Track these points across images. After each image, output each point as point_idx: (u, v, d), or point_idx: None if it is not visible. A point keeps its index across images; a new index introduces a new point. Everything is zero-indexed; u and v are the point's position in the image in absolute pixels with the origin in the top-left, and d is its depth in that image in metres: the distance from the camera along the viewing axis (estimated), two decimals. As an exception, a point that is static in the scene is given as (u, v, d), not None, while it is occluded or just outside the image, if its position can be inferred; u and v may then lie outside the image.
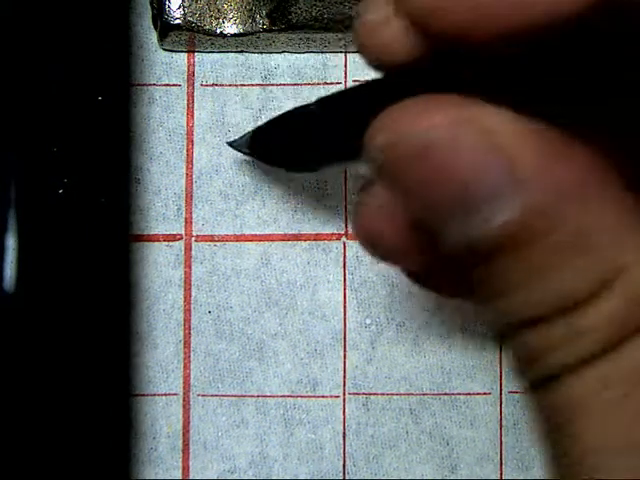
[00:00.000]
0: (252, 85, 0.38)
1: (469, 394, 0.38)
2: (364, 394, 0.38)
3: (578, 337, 0.21)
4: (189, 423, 0.37)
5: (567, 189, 0.20)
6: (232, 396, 0.38)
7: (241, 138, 0.36)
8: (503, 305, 0.21)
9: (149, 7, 0.38)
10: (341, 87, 0.38)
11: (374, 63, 0.23)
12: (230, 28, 0.37)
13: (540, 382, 0.21)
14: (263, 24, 0.37)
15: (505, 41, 0.20)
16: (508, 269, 0.21)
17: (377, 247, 0.26)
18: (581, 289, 0.20)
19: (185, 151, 0.38)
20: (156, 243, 0.38)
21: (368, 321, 0.38)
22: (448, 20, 0.21)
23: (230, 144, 0.37)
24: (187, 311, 0.38)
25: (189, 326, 0.38)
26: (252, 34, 0.37)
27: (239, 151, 0.37)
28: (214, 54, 0.38)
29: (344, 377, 0.38)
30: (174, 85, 0.38)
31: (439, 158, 0.21)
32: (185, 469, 0.37)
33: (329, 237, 0.38)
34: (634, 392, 0.20)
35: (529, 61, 0.21)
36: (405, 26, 0.22)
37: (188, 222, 0.38)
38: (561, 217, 0.20)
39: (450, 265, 0.23)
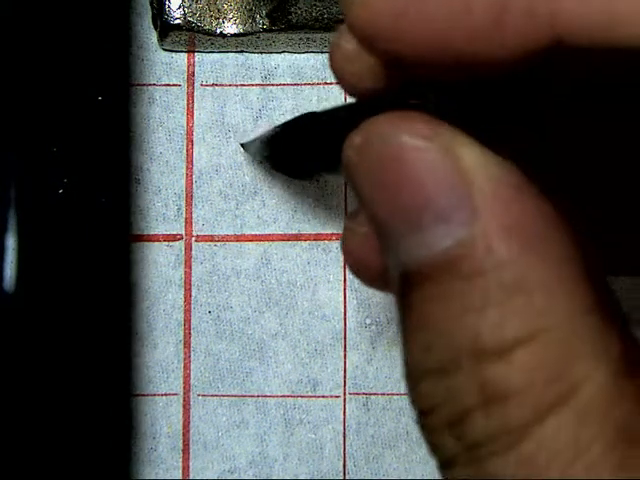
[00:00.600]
0: (252, 85, 0.38)
1: (469, 394, 0.38)
2: (364, 394, 0.38)
3: (480, 393, 0.20)
4: (189, 423, 0.37)
5: (519, 232, 0.20)
6: (232, 396, 0.38)
7: (253, 142, 0.36)
8: (419, 343, 0.21)
9: (149, 7, 0.38)
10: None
11: (347, 90, 0.24)
12: (230, 28, 0.37)
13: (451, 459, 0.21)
14: (263, 24, 0.37)
15: (454, 70, 0.20)
16: (436, 300, 0.20)
17: (362, 274, 0.26)
18: (497, 339, 0.20)
19: (185, 151, 0.38)
20: (156, 243, 0.38)
21: (368, 321, 0.38)
22: (398, 46, 0.20)
23: (242, 145, 0.37)
24: (187, 311, 0.38)
25: (189, 326, 0.38)
26: (252, 34, 0.37)
27: (249, 153, 0.37)
28: (214, 54, 0.38)
29: (344, 377, 0.38)
30: (174, 85, 0.38)
31: (400, 167, 0.20)
32: (185, 469, 0.37)
33: (329, 237, 0.38)
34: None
35: (489, 90, 0.21)
36: (369, 58, 0.22)
37: (188, 222, 0.38)
38: (502, 261, 0.20)
39: None
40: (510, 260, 0.20)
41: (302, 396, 0.38)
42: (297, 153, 0.30)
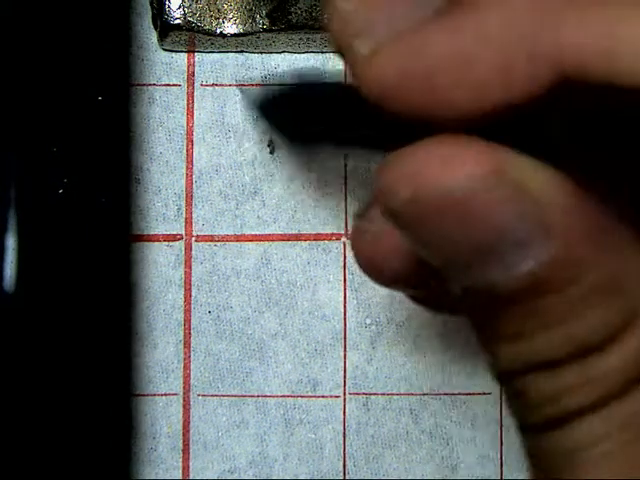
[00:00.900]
0: (252, 85, 0.38)
1: (469, 394, 0.38)
2: (364, 394, 0.38)
3: (590, 383, 0.20)
4: (189, 423, 0.37)
5: (596, 237, 0.20)
6: (232, 396, 0.38)
7: (256, 89, 0.35)
8: (512, 349, 0.21)
9: (149, 7, 0.38)
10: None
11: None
12: (230, 28, 0.37)
13: (543, 426, 0.21)
14: (263, 24, 0.37)
15: (472, 118, 0.20)
16: (527, 315, 0.20)
17: (377, 273, 0.25)
18: (599, 336, 0.20)
19: (185, 151, 0.38)
20: (156, 243, 0.38)
21: (368, 321, 0.38)
22: (403, 103, 0.20)
23: (242, 91, 0.37)
24: (187, 311, 0.38)
25: (189, 326, 0.38)
26: (252, 34, 0.37)
27: (247, 99, 0.36)
28: (214, 54, 0.38)
29: (344, 377, 0.38)
30: (174, 85, 0.38)
31: (466, 213, 0.20)
32: (185, 469, 0.37)
33: (329, 237, 0.38)
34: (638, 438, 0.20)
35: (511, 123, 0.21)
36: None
37: (188, 222, 0.38)
38: (588, 265, 0.20)
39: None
40: (594, 266, 0.20)
41: (302, 396, 0.38)
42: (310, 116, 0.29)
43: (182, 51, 0.38)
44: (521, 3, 0.19)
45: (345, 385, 0.38)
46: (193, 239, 0.38)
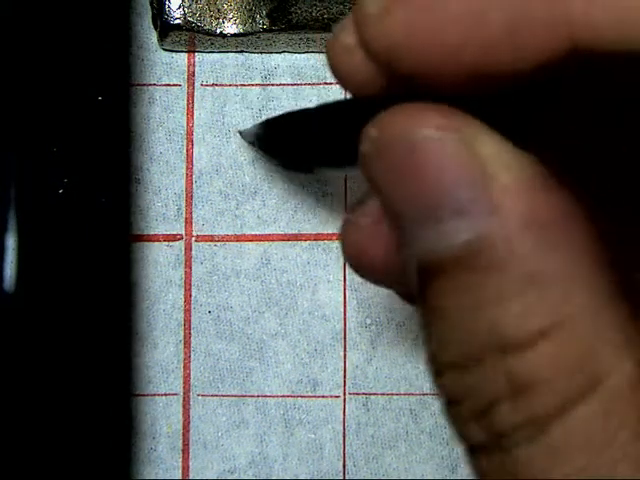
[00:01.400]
0: (252, 85, 0.38)
1: (469, 394, 0.38)
2: (364, 394, 0.38)
3: (521, 390, 0.20)
4: (189, 423, 0.37)
5: (541, 230, 0.20)
6: (232, 396, 0.38)
7: (251, 128, 0.36)
8: (440, 332, 0.21)
9: (149, 7, 0.38)
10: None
11: (345, 85, 0.23)
12: (230, 28, 0.37)
13: (481, 446, 0.21)
14: (263, 24, 0.37)
15: (474, 82, 0.20)
16: (455, 291, 0.20)
17: (363, 268, 0.25)
18: (521, 331, 0.20)
19: (185, 151, 0.38)
20: (156, 243, 0.38)
21: (368, 321, 0.38)
22: (411, 61, 0.20)
23: (240, 132, 0.37)
24: (187, 311, 0.38)
25: (189, 326, 0.38)
26: (252, 34, 0.37)
27: (246, 141, 0.36)
28: (214, 54, 0.38)
29: (344, 377, 0.38)
30: (174, 85, 0.38)
31: (418, 161, 0.20)
32: (185, 469, 0.37)
33: (329, 237, 0.38)
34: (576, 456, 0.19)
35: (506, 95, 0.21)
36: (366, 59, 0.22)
37: (188, 222, 0.38)
38: (524, 254, 0.20)
39: None
40: (529, 253, 0.20)
41: (302, 396, 0.38)
42: (295, 145, 0.30)
43: (182, 51, 0.38)
44: None
45: (345, 385, 0.38)
46: (193, 239, 0.38)
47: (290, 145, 0.31)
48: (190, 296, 0.38)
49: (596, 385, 0.19)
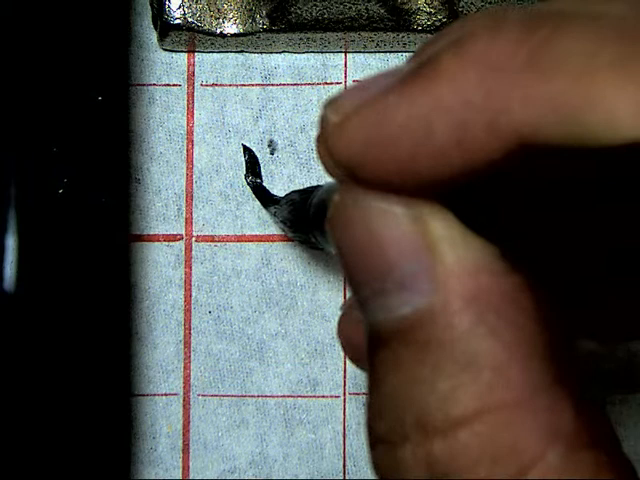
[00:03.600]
0: (252, 85, 0.38)
1: (469, 394, 0.38)
2: (364, 394, 0.38)
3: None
4: (189, 423, 0.37)
5: (476, 308, 0.20)
6: (232, 396, 0.38)
7: (276, 205, 0.36)
8: (373, 408, 0.21)
9: (149, 7, 0.38)
10: (341, 87, 0.38)
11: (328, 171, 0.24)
12: (230, 28, 0.37)
13: None
14: (263, 24, 0.37)
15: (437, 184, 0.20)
16: (392, 367, 0.20)
17: (351, 354, 0.27)
18: (442, 415, 0.19)
19: (185, 151, 0.38)
20: (156, 243, 0.38)
21: (368, 321, 0.38)
22: (368, 170, 0.21)
23: (265, 207, 0.37)
24: (187, 311, 0.38)
25: (189, 326, 0.38)
26: (252, 34, 0.37)
27: (270, 212, 0.37)
28: (214, 54, 0.38)
29: (344, 377, 0.38)
30: (174, 85, 0.38)
31: (368, 231, 0.21)
32: (185, 469, 0.37)
33: (329, 237, 0.38)
34: None
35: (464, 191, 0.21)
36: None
37: (188, 222, 0.38)
38: (462, 336, 0.19)
39: None
40: (464, 335, 0.20)
41: (302, 396, 0.38)
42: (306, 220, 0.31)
43: (182, 51, 0.38)
44: (472, 73, 0.19)
45: (345, 385, 0.38)
46: (193, 239, 0.38)
47: (300, 221, 0.32)
48: (190, 296, 0.38)
49: (521, 476, 0.19)
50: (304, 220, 0.31)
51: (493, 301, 0.20)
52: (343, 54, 0.38)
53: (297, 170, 0.38)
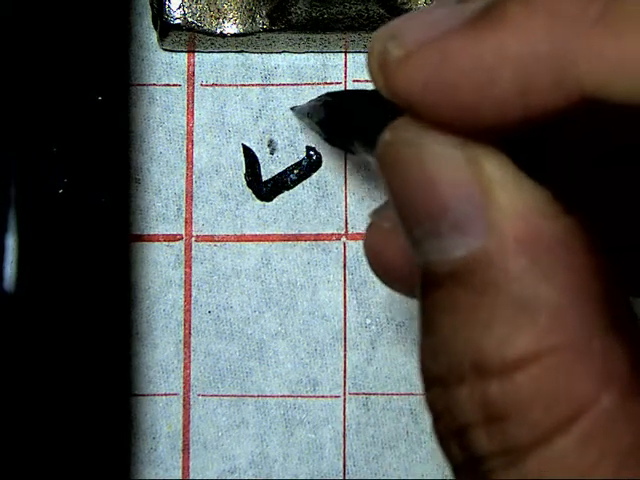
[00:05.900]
0: (252, 85, 0.38)
1: (469, 394, 0.38)
2: (364, 394, 0.38)
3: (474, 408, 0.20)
4: (189, 423, 0.37)
5: (538, 255, 0.20)
6: (232, 396, 0.38)
7: (308, 103, 0.35)
8: (427, 349, 0.21)
9: (149, 7, 0.38)
10: (341, 87, 0.38)
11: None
12: (230, 28, 0.37)
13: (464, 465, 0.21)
14: (263, 24, 0.37)
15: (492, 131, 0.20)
16: (447, 308, 0.20)
17: (382, 272, 0.26)
18: (501, 356, 0.19)
19: (185, 151, 0.38)
20: (156, 243, 0.38)
21: (368, 321, 0.38)
22: (428, 110, 0.20)
23: (292, 108, 0.37)
24: (187, 311, 0.38)
25: (189, 326, 0.38)
26: (252, 34, 0.37)
27: (298, 115, 0.36)
28: (214, 54, 0.38)
29: (344, 377, 0.38)
30: (174, 85, 0.38)
31: (422, 171, 0.20)
32: (185, 469, 0.37)
33: (329, 237, 0.38)
34: None
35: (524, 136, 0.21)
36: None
37: (188, 222, 0.38)
38: (516, 278, 0.19)
39: None
40: (519, 278, 0.19)
41: (302, 396, 0.38)
42: (341, 124, 0.30)
43: (182, 51, 0.38)
44: (540, 23, 0.19)
45: (345, 385, 0.38)
46: (193, 239, 0.38)
47: (337, 124, 0.31)
48: (190, 296, 0.38)
49: (575, 418, 0.19)
50: (341, 124, 0.30)
51: (547, 244, 0.20)
52: (343, 54, 0.38)
53: (297, 170, 0.38)
